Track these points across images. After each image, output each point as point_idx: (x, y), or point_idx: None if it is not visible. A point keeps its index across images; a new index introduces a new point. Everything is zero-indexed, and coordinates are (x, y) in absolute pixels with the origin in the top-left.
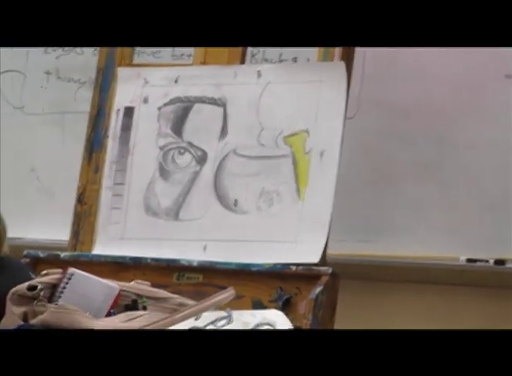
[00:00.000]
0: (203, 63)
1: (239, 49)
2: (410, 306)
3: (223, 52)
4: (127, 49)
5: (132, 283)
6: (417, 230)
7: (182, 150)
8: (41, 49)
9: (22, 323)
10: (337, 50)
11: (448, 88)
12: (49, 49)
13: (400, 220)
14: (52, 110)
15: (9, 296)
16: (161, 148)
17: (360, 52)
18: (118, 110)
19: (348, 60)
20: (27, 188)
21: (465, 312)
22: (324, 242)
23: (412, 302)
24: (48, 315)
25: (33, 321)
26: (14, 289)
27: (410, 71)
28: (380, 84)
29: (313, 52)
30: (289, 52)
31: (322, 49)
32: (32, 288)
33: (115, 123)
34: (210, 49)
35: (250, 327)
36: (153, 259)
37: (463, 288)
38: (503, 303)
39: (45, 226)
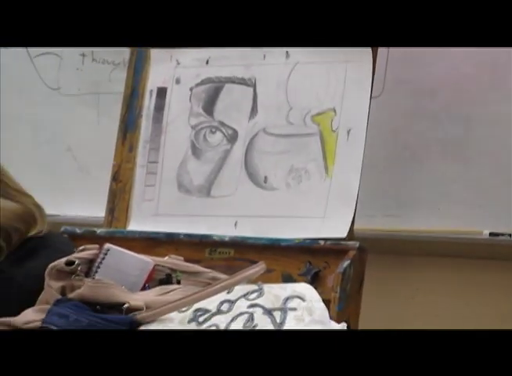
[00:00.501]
0: None
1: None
2: (434, 279)
3: None
4: None
5: (166, 258)
6: (442, 205)
7: (214, 129)
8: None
9: (60, 297)
10: None
11: (472, 66)
12: None
13: (425, 196)
14: (88, 91)
15: (47, 271)
16: (193, 127)
17: None
18: (151, 90)
19: None
20: (64, 167)
21: (487, 284)
22: (351, 217)
23: (436, 275)
24: (85, 289)
25: (70, 295)
26: (52, 264)
27: (434, 50)
28: (404, 64)
29: None
30: None
31: None
32: (70, 263)
33: (148, 103)
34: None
35: (280, 300)
36: (185, 235)
37: (486, 262)
38: None
39: (81, 204)
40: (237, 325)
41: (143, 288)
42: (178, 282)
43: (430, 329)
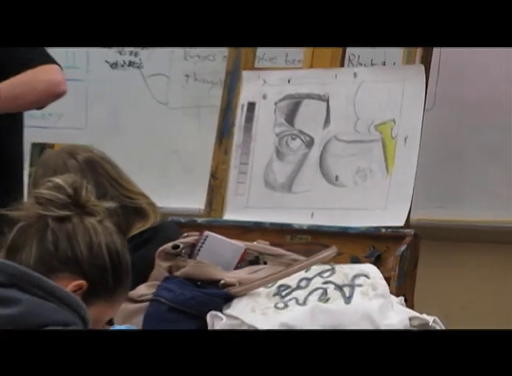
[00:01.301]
0: (311, 66)
1: (339, 55)
2: (474, 261)
3: (326, 57)
4: (249, 55)
5: (255, 243)
6: (483, 199)
7: (294, 136)
8: (181, 56)
9: (168, 274)
10: (418, 55)
11: (509, 83)
12: (188, 56)
13: (469, 191)
14: (190, 105)
15: (157, 253)
16: (277, 135)
17: (436, 55)
18: (243, 104)
19: (426, 63)
20: (171, 167)
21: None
22: (408, 209)
23: (475, 258)
24: (188, 268)
25: (176, 273)
26: (161, 248)
27: (478, 70)
28: (452, 82)
29: (398, 57)
30: (378, 56)
31: (405, 54)
32: (175, 247)
33: (240, 115)
34: (317, 54)
35: (349, 277)
36: (270, 224)
37: None
38: None
39: (185, 197)
40: (313, 298)
41: (236, 268)
42: (265, 263)
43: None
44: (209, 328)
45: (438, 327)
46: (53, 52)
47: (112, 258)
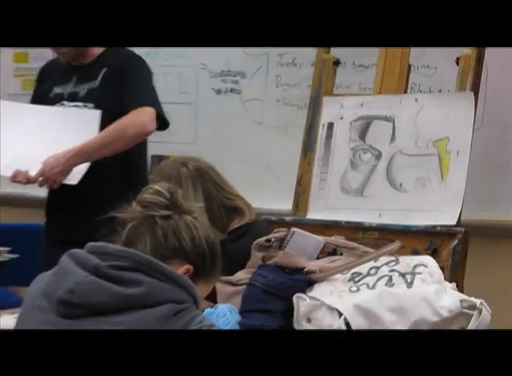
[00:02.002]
0: (379, 93)
1: (403, 83)
2: None
3: (392, 85)
4: (329, 83)
5: (332, 237)
6: None
7: (365, 150)
8: (273, 84)
9: (261, 263)
10: (469, 82)
11: None
12: (279, 84)
13: (509, 197)
14: (281, 125)
15: (253, 246)
16: (351, 149)
17: (483, 82)
18: (323, 124)
19: (475, 90)
20: (265, 175)
21: None
22: (459, 211)
23: None
24: (278, 258)
25: (268, 262)
26: (256, 241)
27: None
28: (497, 105)
29: (452, 84)
30: (436, 84)
31: (458, 82)
32: (268, 241)
33: (321, 133)
34: (385, 83)
35: (410, 266)
36: (346, 222)
37: None
38: None
39: (276, 200)
40: (381, 283)
41: (317, 258)
42: (341, 254)
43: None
44: (295, 308)
45: (483, 309)
46: (168, 83)
47: (209, 246)
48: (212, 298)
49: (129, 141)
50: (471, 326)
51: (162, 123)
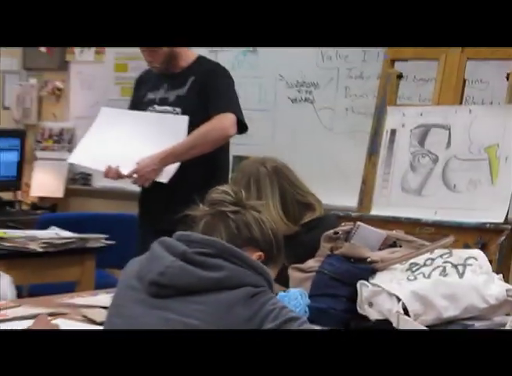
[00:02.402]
0: (437, 103)
1: (459, 95)
2: None
3: (449, 97)
4: (393, 95)
5: (393, 231)
6: None
7: (424, 155)
8: (343, 94)
9: (329, 253)
10: None
11: None
12: (347, 95)
13: None
14: (349, 131)
15: (322, 237)
16: (412, 153)
17: None
18: (387, 131)
19: None
20: (334, 175)
21: None
22: (506, 210)
23: None
24: (344, 248)
25: (336, 252)
26: (326, 233)
27: None
28: None
29: (502, 97)
30: (487, 97)
31: (508, 95)
32: (336, 233)
33: (385, 139)
34: (442, 95)
35: (462, 259)
36: (405, 218)
37: None
38: None
39: (343, 197)
40: (435, 273)
41: (379, 249)
42: (400, 246)
43: None
44: (358, 293)
45: None
46: (249, 92)
47: (275, 236)
48: (285, 283)
49: (213, 144)
50: None
51: (242, 127)
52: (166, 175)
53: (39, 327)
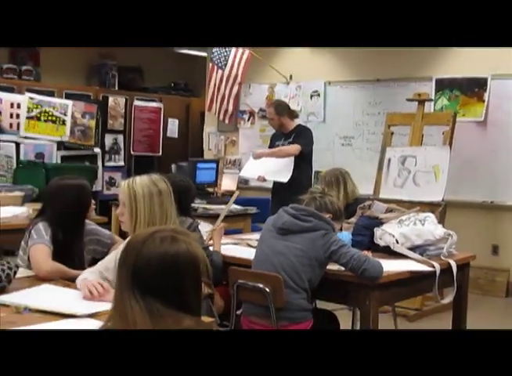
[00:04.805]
0: (410, 146)
1: (419, 142)
2: None
3: (415, 142)
4: (389, 143)
5: (390, 205)
6: None
7: (403, 170)
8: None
9: (361, 215)
10: None
11: None
12: (368, 142)
13: None
14: (369, 159)
15: (358, 207)
16: (398, 169)
17: None
18: (387, 159)
19: None
20: (362, 180)
21: None
22: (442, 195)
23: None
24: (368, 213)
25: (364, 215)
26: (359, 205)
27: None
28: None
29: (440, 142)
30: (433, 143)
31: (443, 141)
32: (363, 206)
33: (386, 162)
34: (412, 141)
35: (423, 217)
36: (396, 199)
37: None
38: None
39: (366, 190)
40: (411, 224)
41: (384, 213)
42: (393, 211)
43: None
44: (375, 233)
45: (453, 235)
46: (321, 139)
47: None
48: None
49: (287, 155)
50: (450, 243)
51: (303, 153)
52: (285, 177)
53: None
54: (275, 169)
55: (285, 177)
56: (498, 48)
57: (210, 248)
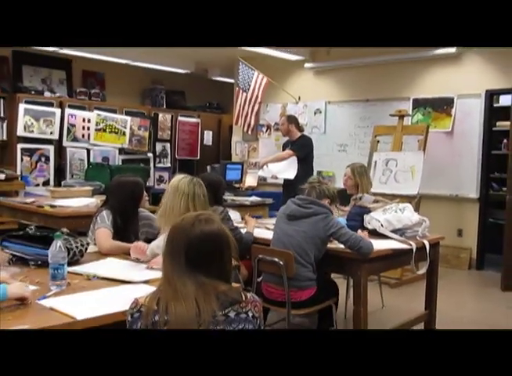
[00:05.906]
0: (392, 151)
1: (400, 148)
2: None
3: (396, 148)
4: (375, 149)
5: (377, 197)
6: None
7: (386, 170)
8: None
9: (353, 204)
10: None
11: None
12: (359, 149)
13: None
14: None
15: (351, 199)
16: (382, 169)
17: None
18: (373, 161)
19: None
20: None
21: None
22: (417, 189)
23: None
24: (359, 203)
25: (356, 204)
26: (352, 197)
27: None
28: None
29: (415, 148)
30: (410, 149)
31: (418, 147)
32: (355, 197)
33: (372, 164)
34: (394, 148)
35: (403, 206)
36: (381, 193)
37: None
38: None
39: None
40: (393, 212)
41: (372, 203)
42: (379, 202)
43: None
44: (365, 219)
45: (427, 221)
46: (321, 145)
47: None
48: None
49: (282, 159)
50: (424, 227)
51: (299, 157)
52: (292, 175)
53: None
54: (284, 169)
55: (291, 175)
56: (462, 74)
57: (243, 230)
